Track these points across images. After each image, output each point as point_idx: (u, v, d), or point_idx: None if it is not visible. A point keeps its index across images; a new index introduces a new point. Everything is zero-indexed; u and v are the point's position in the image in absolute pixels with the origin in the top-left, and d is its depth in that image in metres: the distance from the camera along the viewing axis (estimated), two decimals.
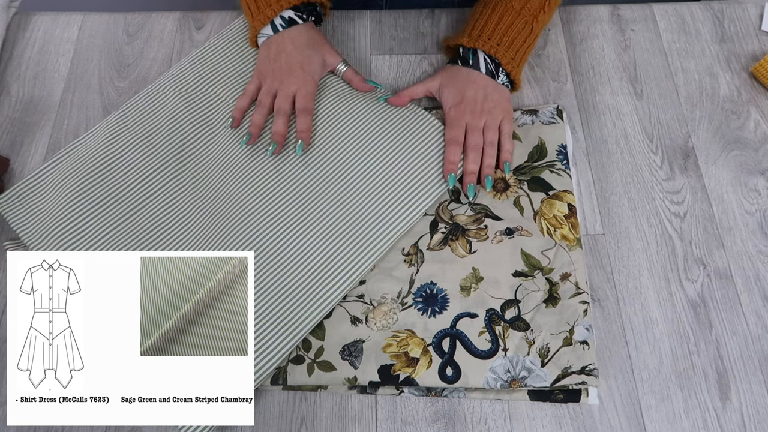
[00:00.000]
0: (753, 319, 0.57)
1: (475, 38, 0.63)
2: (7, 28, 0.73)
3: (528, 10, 0.63)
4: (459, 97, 0.63)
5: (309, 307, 0.55)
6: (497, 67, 0.63)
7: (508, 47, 0.63)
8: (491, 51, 0.62)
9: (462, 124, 0.62)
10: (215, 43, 0.70)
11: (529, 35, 0.64)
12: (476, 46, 0.63)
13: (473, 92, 0.63)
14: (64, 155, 0.63)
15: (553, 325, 0.55)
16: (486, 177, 0.61)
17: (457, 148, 0.62)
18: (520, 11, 0.63)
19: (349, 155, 0.63)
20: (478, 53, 0.63)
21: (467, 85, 0.63)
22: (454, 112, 0.63)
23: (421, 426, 0.53)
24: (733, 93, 0.69)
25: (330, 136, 0.64)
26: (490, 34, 0.63)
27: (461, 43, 0.64)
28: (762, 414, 0.53)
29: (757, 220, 0.61)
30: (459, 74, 0.64)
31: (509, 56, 0.63)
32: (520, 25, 0.63)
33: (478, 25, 0.64)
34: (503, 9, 0.63)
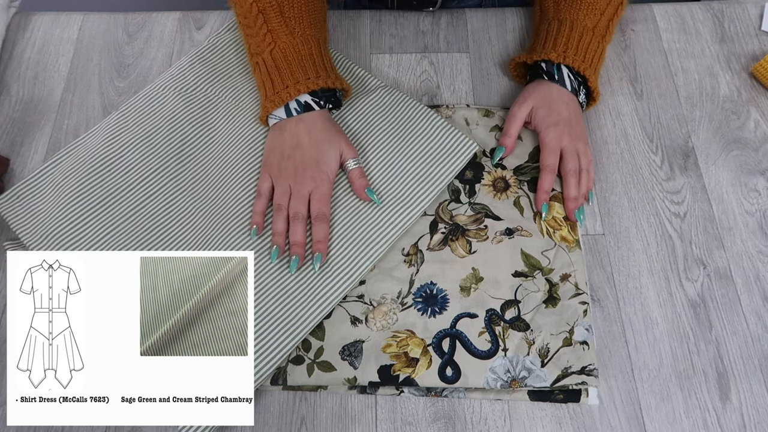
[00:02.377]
0: (753, 319, 0.57)
1: (562, 54, 0.62)
2: (7, 28, 0.73)
3: (598, 29, 0.63)
4: (556, 117, 0.61)
5: (309, 307, 0.55)
6: (579, 84, 0.63)
7: (590, 65, 0.62)
8: (579, 68, 0.61)
9: (558, 147, 0.61)
10: (215, 43, 0.70)
11: (601, 54, 0.64)
12: (566, 62, 0.61)
13: (568, 114, 0.61)
14: (64, 155, 0.63)
15: (553, 326, 0.55)
16: (581, 208, 0.60)
17: (552, 176, 0.60)
18: (593, 29, 0.63)
19: None
20: (562, 69, 0.62)
21: (561, 106, 0.62)
22: (553, 135, 0.61)
23: (421, 426, 0.53)
24: (733, 93, 0.69)
25: None
26: (575, 50, 0.62)
27: (548, 58, 0.62)
28: (762, 414, 0.53)
29: (757, 220, 0.61)
30: (550, 92, 0.62)
31: (591, 72, 0.62)
32: (594, 45, 0.63)
33: (560, 41, 0.62)
34: (581, 29, 0.62)
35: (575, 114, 0.62)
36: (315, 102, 0.60)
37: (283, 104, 0.59)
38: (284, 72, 0.60)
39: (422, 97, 0.69)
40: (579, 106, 0.63)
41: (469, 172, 0.63)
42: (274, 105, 0.59)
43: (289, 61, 0.60)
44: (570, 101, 0.62)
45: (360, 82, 0.68)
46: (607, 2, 0.64)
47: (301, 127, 0.59)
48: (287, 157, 0.59)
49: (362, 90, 0.67)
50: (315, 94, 0.60)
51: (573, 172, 0.60)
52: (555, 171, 0.61)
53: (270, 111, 0.60)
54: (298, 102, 0.60)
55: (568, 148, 0.61)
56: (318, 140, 0.59)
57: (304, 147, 0.59)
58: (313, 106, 0.60)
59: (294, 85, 0.59)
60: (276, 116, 0.61)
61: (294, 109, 0.60)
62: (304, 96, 0.60)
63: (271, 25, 0.60)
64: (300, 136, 0.59)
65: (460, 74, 0.71)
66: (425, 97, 0.69)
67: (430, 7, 0.74)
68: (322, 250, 0.57)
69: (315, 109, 0.60)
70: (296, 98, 0.60)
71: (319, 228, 0.58)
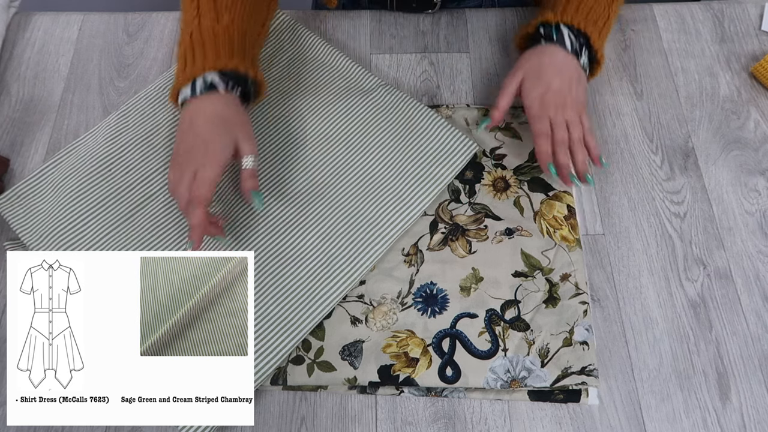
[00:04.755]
0: (753, 319, 0.57)
1: (561, 12, 0.59)
2: (7, 28, 0.73)
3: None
4: (543, 87, 0.59)
5: (309, 307, 0.55)
6: (581, 46, 0.60)
7: (594, 24, 0.59)
8: (580, 25, 0.59)
9: (546, 117, 0.59)
10: None
11: (608, 18, 0.61)
12: (563, 21, 0.59)
13: (558, 82, 0.59)
14: (64, 155, 0.63)
15: (553, 326, 0.55)
16: (585, 174, 0.59)
17: (546, 140, 0.59)
18: None
19: (348, 155, 0.63)
20: (562, 30, 0.59)
21: (553, 74, 0.59)
22: (538, 106, 0.59)
23: (421, 426, 0.53)
24: (733, 93, 0.69)
25: (328, 136, 0.64)
26: (576, 8, 0.59)
27: (545, 20, 0.60)
28: (762, 414, 0.53)
29: (757, 220, 0.61)
30: (542, 59, 0.60)
31: (596, 33, 0.59)
32: (600, 7, 0.60)
33: (559, 2, 0.60)
34: None
35: (570, 81, 0.59)
36: (223, 81, 0.56)
37: (190, 81, 0.56)
38: (198, 51, 0.56)
39: (422, 97, 0.69)
40: (580, 71, 0.60)
41: (469, 172, 0.63)
42: (183, 82, 0.56)
43: (205, 41, 0.57)
44: (566, 66, 0.59)
45: (360, 81, 0.68)
46: None
47: (199, 108, 0.56)
48: (181, 141, 0.56)
49: (362, 89, 0.67)
50: (224, 75, 0.56)
51: (560, 142, 0.59)
52: (548, 135, 0.59)
53: (178, 89, 0.57)
54: (204, 80, 0.55)
55: (556, 119, 0.59)
56: (212, 124, 0.55)
57: (198, 127, 0.55)
58: (218, 87, 0.56)
59: (203, 61, 0.56)
60: (183, 93, 0.56)
61: (199, 88, 0.55)
62: (211, 74, 0.56)
63: (201, 9, 0.58)
64: (196, 117, 0.55)
65: (460, 74, 0.71)
66: (425, 97, 0.69)
67: (429, 9, 0.74)
68: (194, 238, 0.53)
69: (219, 91, 0.56)
70: (203, 76, 0.55)
71: (192, 214, 0.53)
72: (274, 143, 0.64)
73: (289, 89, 0.67)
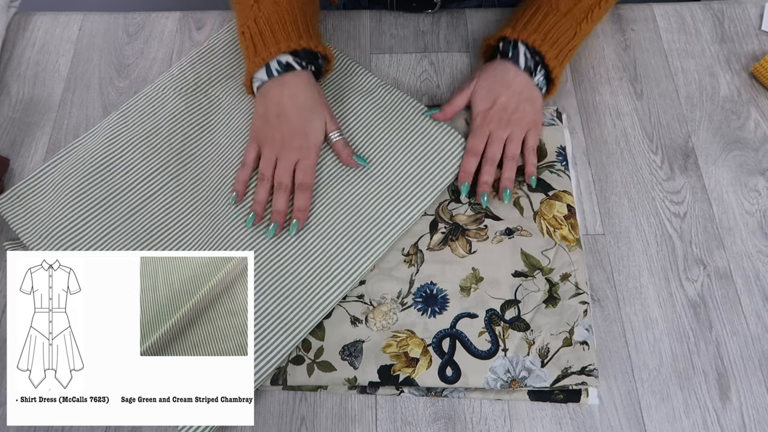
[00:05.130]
0: (753, 319, 0.57)
1: (519, 30, 0.60)
2: (7, 28, 0.73)
3: (573, 14, 0.61)
4: (489, 102, 0.61)
5: (309, 307, 0.55)
6: (536, 64, 0.61)
7: (553, 44, 0.60)
8: (534, 43, 0.59)
9: (485, 132, 0.61)
10: (215, 43, 0.70)
11: (572, 38, 0.61)
12: (519, 38, 0.60)
13: (505, 99, 0.60)
14: (64, 155, 0.63)
15: (553, 326, 0.55)
16: (504, 189, 0.60)
17: (473, 159, 0.60)
18: (565, 14, 0.61)
19: None
20: (519, 47, 0.61)
21: (501, 90, 0.61)
22: (480, 120, 0.61)
23: (421, 426, 0.53)
24: (733, 93, 0.69)
25: None
26: (535, 28, 0.60)
27: (503, 35, 0.61)
28: (762, 414, 0.53)
29: (757, 220, 0.61)
30: (494, 74, 0.61)
31: (553, 52, 0.60)
32: (565, 27, 0.61)
33: (522, 19, 0.61)
34: (548, 9, 0.61)
35: (520, 97, 0.60)
36: (297, 62, 0.59)
37: (264, 64, 0.58)
38: (267, 36, 0.58)
39: (422, 97, 0.69)
40: (532, 88, 0.61)
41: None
42: (255, 66, 0.58)
43: (272, 24, 0.59)
44: (517, 82, 0.60)
45: (360, 81, 0.68)
46: None
47: (285, 92, 0.58)
48: (273, 125, 0.59)
49: (362, 89, 0.67)
50: (297, 55, 0.59)
51: (489, 158, 0.60)
52: (477, 154, 0.60)
53: (252, 74, 0.59)
54: (279, 62, 0.58)
55: (495, 135, 0.60)
56: (303, 108, 0.59)
57: (289, 115, 0.58)
58: (294, 66, 0.59)
59: (275, 44, 0.58)
60: (258, 79, 0.59)
61: (275, 70, 0.58)
62: (285, 56, 0.58)
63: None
64: (284, 103, 0.58)
65: (460, 74, 0.71)
66: (425, 97, 0.69)
67: (429, 9, 0.74)
68: (300, 218, 0.58)
69: (296, 69, 0.59)
70: (276, 58, 0.58)
71: (301, 197, 0.58)
72: None
73: None
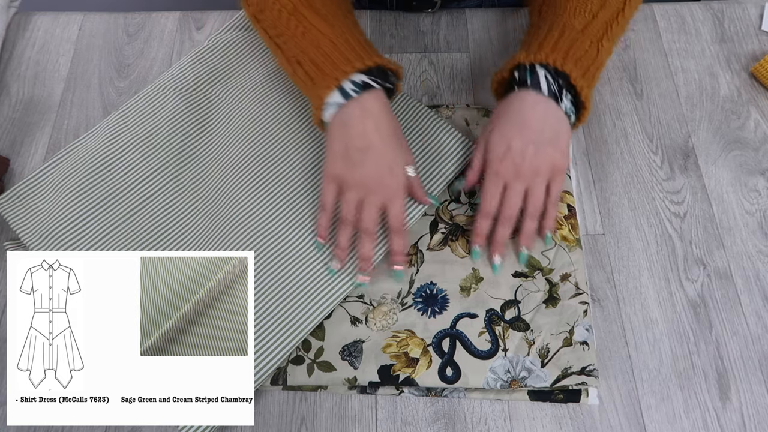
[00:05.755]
0: (753, 319, 0.57)
1: (534, 52, 0.52)
2: (7, 28, 0.73)
3: (591, 31, 0.53)
4: (502, 148, 0.52)
5: (309, 307, 0.55)
6: (561, 87, 0.51)
7: (576, 62, 0.51)
8: (556, 63, 0.51)
9: (499, 186, 0.53)
10: (215, 43, 0.70)
11: (596, 57, 0.53)
12: (536, 60, 0.51)
13: (521, 143, 0.51)
14: (64, 155, 0.63)
15: (553, 326, 0.55)
16: (520, 253, 0.56)
17: (486, 221, 0.54)
18: (582, 31, 0.53)
19: None
20: (537, 70, 0.51)
21: (516, 131, 0.52)
22: (494, 170, 0.53)
23: (421, 426, 0.53)
24: (733, 93, 0.69)
25: None
26: (552, 47, 0.51)
27: (517, 61, 0.52)
28: (762, 414, 0.53)
29: (757, 220, 0.61)
30: (507, 111, 0.53)
31: (579, 71, 0.51)
32: (585, 44, 0.52)
33: (534, 41, 0.53)
34: (562, 27, 0.53)
35: (540, 138, 0.51)
36: (372, 80, 0.51)
37: (337, 85, 0.50)
38: (334, 56, 0.52)
39: (422, 97, 0.69)
40: (557, 120, 0.52)
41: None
42: (329, 89, 0.51)
43: (336, 45, 0.52)
44: (536, 117, 0.52)
45: None
46: (601, 5, 0.55)
47: (368, 122, 0.51)
48: (358, 163, 0.51)
49: None
50: (370, 73, 0.51)
51: (505, 218, 0.54)
52: (490, 216, 0.54)
53: (323, 99, 0.51)
54: (354, 82, 0.51)
55: (512, 188, 0.53)
56: (389, 140, 0.52)
57: (376, 149, 0.51)
58: (371, 84, 0.51)
59: (346, 63, 0.51)
60: (332, 104, 0.52)
61: (351, 90, 0.51)
62: (359, 75, 0.51)
63: (306, 22, 0.54)
64: (369, 134, 0.51)
65: (460, 74, 0.71)
66: (425, 97, 0.69)
67: (429, 8, 0.74)
68: (402, 261, 0.55)
69: (374, 87, 0.52)
70: (350, 77, 0.51)
71: (399, 240, 0.54)
72: (275, 143, 0.63)
73: (290, 89, 0.67)
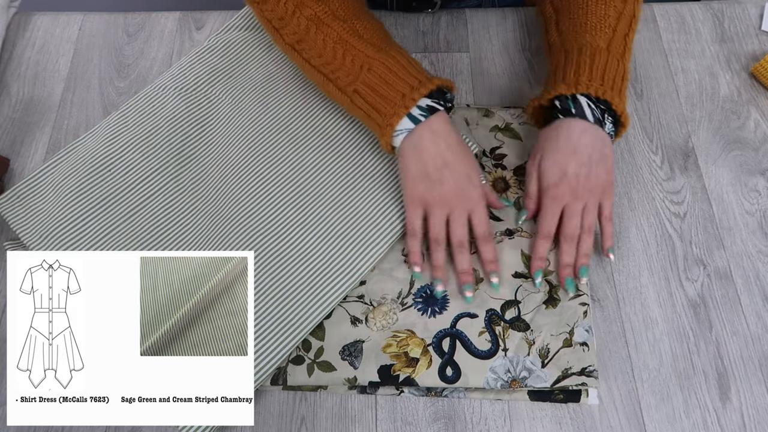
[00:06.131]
0: (753, 319, 0.57)
1: (574, 83, 0.55)
2: (7, 28, 0.73)
3: (614, 47, 0.57)
4: (559, 174, 0.55)
5: (309, 307, 0.55)
6: (603, 112, 0.55)
7: (612, 86, 0.55)
8: (597, 93, 0.54)
9: (557, 209, 0.56)
10: (215, 43, 0.70)
11: (624, 74, 0.57)
12: (578, 91, 0.54)
13: (575, 167, 0.54)
14: (64, 155, 0.63)
15: (553, 326, 0.55)
16: (581, 267, 0.56)
17: (547, 242, 0.56)
18: (607, 49, 0.56)
19: (348, 155, 0.63)
20: (579, 100, 0.55)
21: (569, 158, 0.54)
22: (552, 194, 0.55)
23: (421, 426, 0.53)
24: (733, 93, 0.69)
25: (328, 136, 0.64)
26: (589, 75, 0.55)
27: (559, 93, 0.55)
28: (762, 414, 0.53)
29: (757, 220, 0.61)
30: (558, 140, 0.55)
31: (615, 95, 0.55)
32: (613, 64, 0.56)
33: (569, 69, 0.56)
34: (591, 49, 0.56)
35: (591, 161, 0.54)
36: (436, 102, 0.54)
37: (407, 112, 0.53)
38: (394, 82, 0.54)
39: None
40: (604, 142, 0.55)
41: None
42: (398, 116, 0.53)
43: (395, 71, 0.54)
44: (583, 143, 0.54)
45: None
46: (617, 17, 0.58)
47: (441, 144, 0.53)
48: (437, 182, 0.53)
49: None
50: (431, 96, 0.54)
51: (567, 237, 0.55)
52: (550, 236, 0.56)
53: (395, 127, 0.53)
54: (420, 107, 0.53)
55: (570, 209, 0.55)
56: (461, 154, 0.54)
57: (453, 165, 0.53)
58: (437, 107, 0.54)
59: (411, 91, 0.53)
60: (402, 130, 0.54)
61: (419, 115, 0.53)
62: (425, 100, 0.53)
63: (354, 50, 0.56)
64: (443, 154, 0.53)
65: (460, 74, 0.71)
66: None
67: (429, 8, 0.74)
68: (496, 270, 0.56)
69: (439, 109, 0.54)
70: (417, 104, 0.53)
71: (489, 248, 0.55)
72: (275, 143, 0.63)
73: (290, 89, 0.67)
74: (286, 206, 0.60)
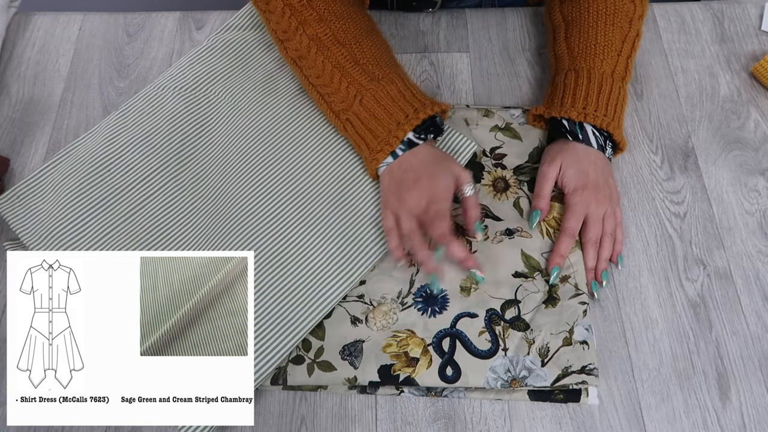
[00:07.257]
0: (753, 319, 0.57)
1: (582, 111, 0.59)
2: (7, 28, 0.73)
3: (618, 72, 0.62)
4: (583, 180, 0.59)
5: (309, 307, 0.55)
6: (605, 139, 0.60)
7: (613, 117, 0.60)
8: (603, 124, 0.59)
9: (582, 212, 0.58)
10: (214, 43, 0.70)
11: (624, 100, 0.62)
12: (587, 121, 0.59)
13: (595, 176, 0.59)
14: (64, 155, 0.63)
15: (553, 325, 0.55)
16: (603, 271, 0.58)
17: (571, 240, 0.58)
18: (612, 75, 0.61)
19: (348, 155, 0.63)
20: (586, 128, 0.60)
21: (589, 167, 0.59)
22: (578, 199, 0.58)
23: (421, 426, 0.53)
24: (733, 93, 0.69)
25: (327, 136, 0.64)
26: (595, 106, 0.60)
27: (569, 117, 0.60)
28: (762, 414, 0.53)
29: (757, 220, 0.61)
30: (576, 151, 0.60)
31: (617, 125, 0.60)
32: (616, 91, 0.61)
33: (579, 96, 0.60)
34: (600, 77, 0.61)
35: (603, 173, 0.60)
36: (416, 137, 0.58)
37: (392, 150, 0.57)
38: (382, 118, 0.58)
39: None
40: (607, 163, 0.61)
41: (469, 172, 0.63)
42: (384, 153, 0.57)
43: (384, 105, 0.58)
44: (597, 160, 0.60)
45: None
46: (622, 39, 0.62)
47: (409, 157, 0.58)
48: (399, 184, 0.57)
49: None
50: (416, 130, 0.58)
51: (593, 241, 0.58)
52: (575, 235, 0.58)
53: (380, 161, 0.58)
54: (403, 142, 0.57)
55: (593, 215, 0.58)
56: (429, 163, 0.57)
57: (415, 167, 0.57)
58: (416, 142, 0.58)
59: (396, 128, 0.57)
60: (386, 163, 0.58)
61: (399, 149, 0.58)
62: (409, 134, 0.58)
63: (350, 77, 0.59)
64: (409, 161, 0.57)
65: (460, 74, 0.71)
66: None
67: (429, 8, 0.74)
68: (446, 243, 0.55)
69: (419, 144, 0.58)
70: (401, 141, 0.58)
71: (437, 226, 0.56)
72: (274, 142, 0.64)
73: (290, 88, 0.67)
74: (286, 206, 0.60)
